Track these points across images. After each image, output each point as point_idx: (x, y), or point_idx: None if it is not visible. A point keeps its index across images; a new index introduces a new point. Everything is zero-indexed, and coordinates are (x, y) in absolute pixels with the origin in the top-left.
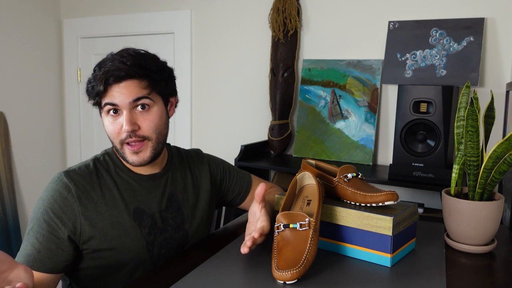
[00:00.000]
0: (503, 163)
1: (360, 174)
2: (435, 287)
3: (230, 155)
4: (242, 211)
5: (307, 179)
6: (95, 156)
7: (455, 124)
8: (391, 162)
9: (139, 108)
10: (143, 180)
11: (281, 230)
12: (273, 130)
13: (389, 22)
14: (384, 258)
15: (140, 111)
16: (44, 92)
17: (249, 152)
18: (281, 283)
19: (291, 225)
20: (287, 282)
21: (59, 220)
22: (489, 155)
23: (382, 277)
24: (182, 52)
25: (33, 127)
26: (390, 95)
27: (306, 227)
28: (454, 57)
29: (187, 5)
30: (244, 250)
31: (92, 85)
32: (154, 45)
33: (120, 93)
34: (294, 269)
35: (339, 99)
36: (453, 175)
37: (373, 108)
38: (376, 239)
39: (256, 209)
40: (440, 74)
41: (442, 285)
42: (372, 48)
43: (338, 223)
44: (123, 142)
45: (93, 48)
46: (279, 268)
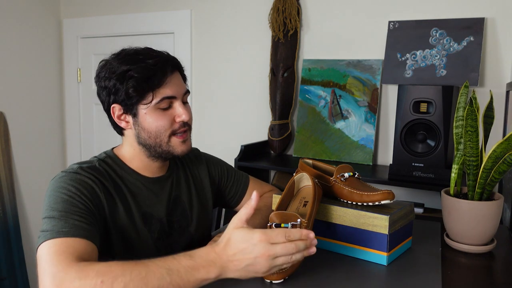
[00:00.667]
0: (502, 163)
1: (357, 174)
2: (431, 284)
3: (230, 155)
4: None
5: (305, 181)
6: (96, 157)
7: (454, 124)
8: (391, 162)
9: (184, 99)
10: (150, 183)
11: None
12: (273, 130)
13: (389, 22)
14: (380, 257)
15: (184, 104)
16: (44, 92)
17: (249, 152)
18: (268, 282)
19: (282, 225)
20: (273, 282)
21: (86, 198)
22: (488, 155)
23: (378, 275)
24: (182, 52)
25: (33, 127)
26: (390, 95)
27: (297, 227)
28: (454, 57)
29: (187, 5)
30: None
31: (142, 77)
32: (154, 45)
33: (175, 84)
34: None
35: (339, 99)
36: (452, 175)
37: (373, 108)
38: (372, 237)
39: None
40: (440, 74)
41: (438, 283)
42: (372, 48)
43: (335, 222)
44: (173, 134)
45: (93, 48)
46: None
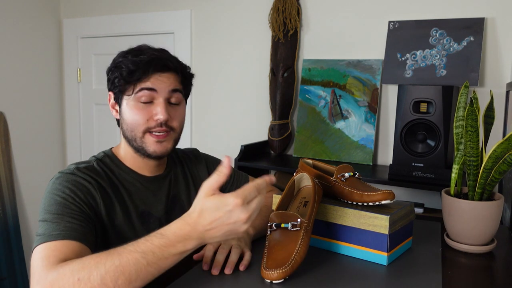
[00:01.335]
0: (503, 163)
1: (357, 174)
2: (431, 285)
3: (230, 155)
4: None
5: (305, 181)
6: (94, 157)
7: (454, 124)
8: (391, 162)
9: (172, 100)
10: (147, 182)
11: (273, 229)
12: (273, 130)
13: (389, 22)
14: (380, 257)
15: (171, 105)
16: (44, 92)
17: (249, 152)
18: (268, 282)
19: (282, 225)
20: (273, 282)
21: (80, 200)
22: (489, 155)
23: (378, 275)
24: (182, 52)
25: (33, 127)
26: (390, 95)
27: (298, 227)
28: (454, 57)
29: (187, 5)
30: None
31: (128, 70)
32: (154, 45)
33: (162, 81)
34: (280, 269)
35: (339, 99)
36: (453, 175)
37: (373, 108)
38: (372, 237)
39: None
40: (440, 74)
41: (438, 283)
42: (372, 48)
43: (335, 222)
44: (147, 131)
45: (93, 48)
46: (267, 267)
